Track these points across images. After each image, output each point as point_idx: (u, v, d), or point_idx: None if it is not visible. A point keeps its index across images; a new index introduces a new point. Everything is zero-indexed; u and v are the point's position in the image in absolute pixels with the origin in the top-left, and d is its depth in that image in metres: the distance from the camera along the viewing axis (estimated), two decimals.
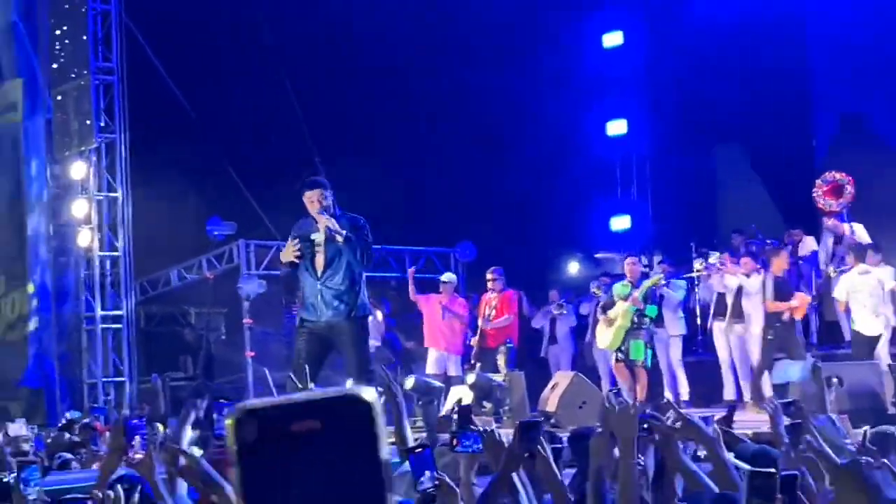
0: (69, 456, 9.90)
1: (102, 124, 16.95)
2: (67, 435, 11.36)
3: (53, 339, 17.50)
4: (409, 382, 14.09)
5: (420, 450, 4.37)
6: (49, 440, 11.11)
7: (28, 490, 4.96)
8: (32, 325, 17.62)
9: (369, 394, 1.32)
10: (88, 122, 16.82)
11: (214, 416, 7.16)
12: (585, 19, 20.00)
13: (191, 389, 18.73)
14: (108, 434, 10.25)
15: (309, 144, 18.26)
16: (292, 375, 9.81)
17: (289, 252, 9.58)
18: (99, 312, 17.25)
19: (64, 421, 13.25)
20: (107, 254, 17.31)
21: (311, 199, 9.50)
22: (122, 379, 17.29)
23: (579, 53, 19.99)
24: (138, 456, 4.99)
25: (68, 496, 5.11)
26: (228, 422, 1.31)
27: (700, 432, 4.79)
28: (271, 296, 17.75)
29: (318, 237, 9.51)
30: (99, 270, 17.31)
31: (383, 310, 16.89)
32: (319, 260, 9.55)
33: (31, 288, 17.64)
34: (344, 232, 9.39)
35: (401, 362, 16.64)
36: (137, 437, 4.93)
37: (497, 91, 18.45)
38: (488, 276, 15.36)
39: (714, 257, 14.25)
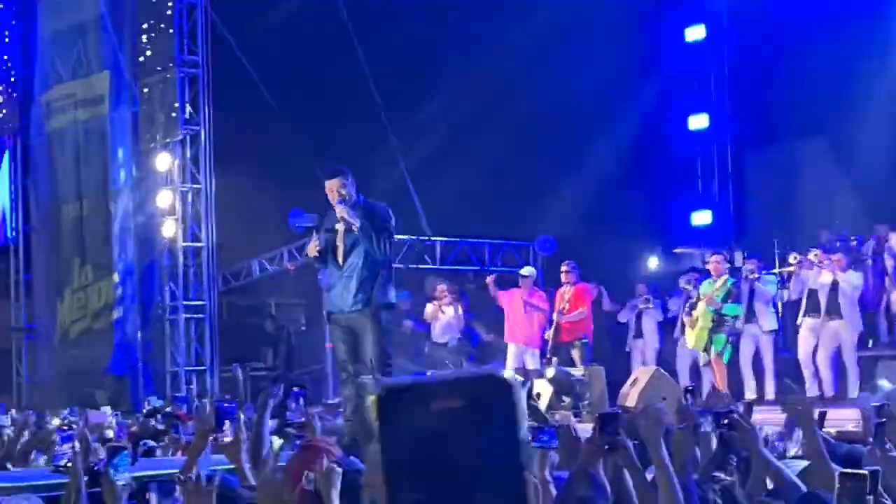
0: (153, 443, 10.05)
1: (187, 116, 17.16)
2: (152, 422, 11.54)
3: (137, 327, 17.75)
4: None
5: None
6: (134, 427, 11.29)
7: (118, 476, 4.97)
8: (117, 313, 17.88)
9: (509, 374, 1.34)
10: (174, 114, 17.05)
11: (290, 403, 7.20)
12: (667, 13, 19.88)
13: (270, 379, 18.94)
14: (193, 421, 10.40)
15: (391, 138, 18.33)
16: (341, 371, 9.78)
17: (311, 248, 9.51)
18: (182, 302, 17.47)
19: (147, 408, 13.47)
20: (190, 244, 17.53)
21: (331, 189, 9.37)
22: (204, 368, 17.50)
23: (661, 47, 19.88)
24: (227, 439, 5.04)
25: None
26: (372, 398, 1.34)
27: (811, 425, 4.75)
28: None
29: (340, 227, 9.39)
30: (182, 261, 17.53)
31: (462, 304, 16.92)
32: (340, 250, 9.43)
33: (116, 277, 17.91)
34: (357, 221, 9.21)
35: (479, 356, 16.68)
36: (228, 421, 4.97)
37: (578, 85, 18.37)
38: (562, 268, 15.31)
39: (813, 254, 14.10)
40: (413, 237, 18.34)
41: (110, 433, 11.44)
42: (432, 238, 18.59)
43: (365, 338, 9.33)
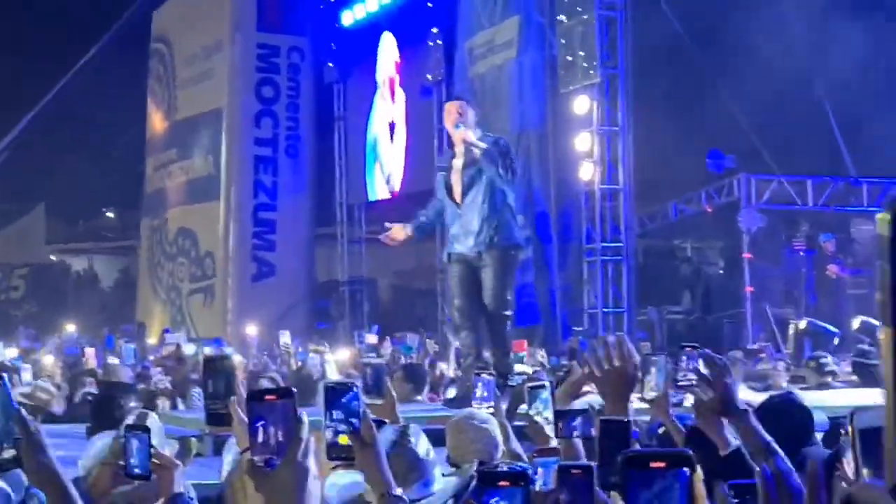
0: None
1: (605, 59, 17.15)
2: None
3: (555, 269, 18.02)
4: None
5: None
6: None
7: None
8: (523, 255, 18.21)
9: None
10: (592, 57, 17.07)
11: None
12: None
13: (686, 324, 18.83)
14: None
15: (814, 83, 17.68)
16: (454, 319, 9.29)
17: (399, 232, 9.07)
18: (600, 244, 17.55)
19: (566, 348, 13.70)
20: (608, 187, 17.55)
21: (449, 111, 8.77)
22: (621, 310, 17.53)
23: None
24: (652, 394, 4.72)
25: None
26: (882, 216, 1.21)
27: None
28: (771, 230, 17.44)
29: (457, 162, 8.78)
30: (599, 203, 17.59)
31: None
32: (457, 187, 8.78)
33: (521, 219, 18.22)
34: (483, 144, 8.54)
35: None
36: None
37: None
38: None
39: None
40: (838, 177, 17.66)
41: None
42: (859, 178, 17.76)
43: (485, 278, 8.73)
